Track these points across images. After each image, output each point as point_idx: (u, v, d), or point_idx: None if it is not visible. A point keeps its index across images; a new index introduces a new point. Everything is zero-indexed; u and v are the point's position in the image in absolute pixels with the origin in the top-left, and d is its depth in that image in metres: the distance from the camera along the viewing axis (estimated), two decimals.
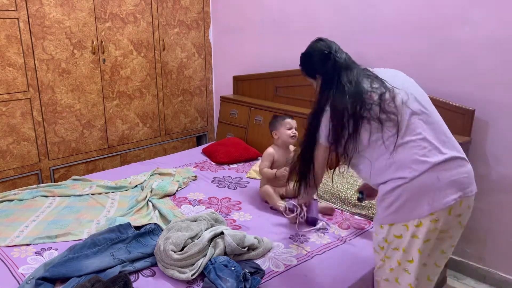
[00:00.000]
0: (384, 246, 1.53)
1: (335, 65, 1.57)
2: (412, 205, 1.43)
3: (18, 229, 2.02)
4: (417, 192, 1.43)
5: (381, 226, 1.52)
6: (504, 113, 2.25)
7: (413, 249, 1.47)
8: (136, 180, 2.63)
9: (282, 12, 3.17)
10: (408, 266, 1.50)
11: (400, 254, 1.49)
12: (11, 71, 2.64)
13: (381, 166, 1.49)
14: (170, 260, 1.67)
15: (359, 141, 1.50)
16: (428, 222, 1.43)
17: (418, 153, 1.44)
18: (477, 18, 2.24)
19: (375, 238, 1.58)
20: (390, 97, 1.47)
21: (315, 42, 1.71)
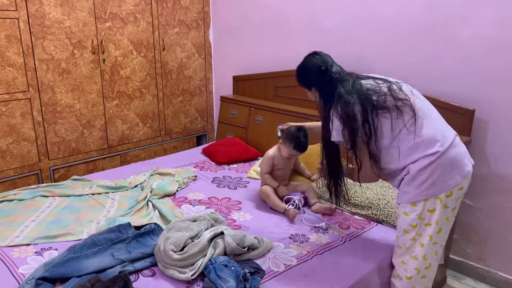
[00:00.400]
0: (417, 224, 1.66)
1: (331, 80, 1.73)
2: (446, 177, 1.60)
3: (18, 229, 2.02)
4: (449, 164, 1.60)
5: (413, 204, 1.64)
6: (504, 113, 2.25)
7: (443, 219, 1.65)
8: (136, 180, 2.63)
9: (282, 12, 3.17)
10: (437, 237, 1.66)
11: (432, 227, 1.64)
12: (11, 71, 2.64)
13: (408, 148, 1.63)
14: (170, 260, 1.67)
15: (382, 133, 1.65)
16: (457, 191, 1.63)
17: (440, 129, 1.63)
18: (477, 18, 2.24)
19: (404, 219, 1.68)
20: (397, 87, 1.66)
21: (311, 56, 1.83)
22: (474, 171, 2.39)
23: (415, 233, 1.67)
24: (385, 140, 1.66)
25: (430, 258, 1.70)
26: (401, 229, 1.72)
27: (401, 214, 1.70)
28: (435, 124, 1.65)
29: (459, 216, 2.49)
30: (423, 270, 1.72)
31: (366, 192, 2.29)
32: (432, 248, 1.69)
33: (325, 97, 1.75)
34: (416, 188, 1.63)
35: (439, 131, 1.63)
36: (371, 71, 2.70)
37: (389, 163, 1.69)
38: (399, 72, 2.60)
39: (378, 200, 2.22)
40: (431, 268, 1.73)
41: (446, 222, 1.67)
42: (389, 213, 2.15)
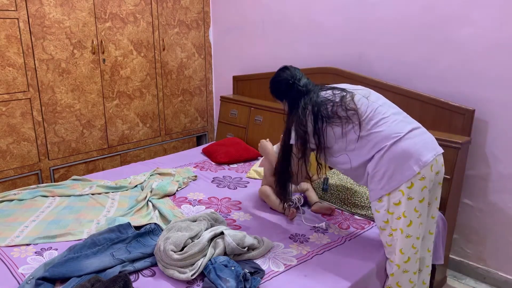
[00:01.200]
0: (388, 218, 1.73)
1: (298, 92, 1.90)
2: (402, 169, 1.66)
3: (18, 229, 2.02)
4: (401, 156, 1.67)
5: (379, 200, 1.73)
6: (504, 113, 2.25)
7: (411, 210, 1.69)
8: (136, 180, 2.63)
9: (282, 12, 3.17)
10: (410, 230, 1.70)
11: (402, 221, 1.69)
12: (11, 71, 2.64)
13: (361, 149, 1.76)
14: (170, 260, 1.67)
15: (333, 139, 1.82)
16: (418, 181, 1.67)
17: (391, 126, 1.72)
18: (477, 18, 2.24)
19: (377, 216, 1.77)
20: (350, 96, 1.80)
21: (281, 71, 2.00)
22: (474, 171, 2.40)
23: (390, 229, 1.74)
24: (336, 145, 1.82)
25: (407, 252, 1.73)
26: (378, 227, 1.80)
27: (374, 212, 1.79)
28: (389, 123, 1.73)
29: (459, 216, 2.49)
30: (403, 265, 1.75)
31: (366, 192, 2.29)
32: (407, 242, 1.71)
33: (291, 108, 1.92)
34: (377, 183, 1.72)
35: (392, 129, 1.71)
36: (371, 71, 2.70)
37: (345, 163, 1.83)
38: (399, 72, 2.60)
39: None
40: (411, 261, 1.75)
41: (414, 213, 1.69)
42: None
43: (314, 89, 1.89)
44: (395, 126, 1.73)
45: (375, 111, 1.77)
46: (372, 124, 1.74)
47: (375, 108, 1.78)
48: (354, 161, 1.79)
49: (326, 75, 2.87)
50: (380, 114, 1.77)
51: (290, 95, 1.92)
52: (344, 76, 2.77)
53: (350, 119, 1.77)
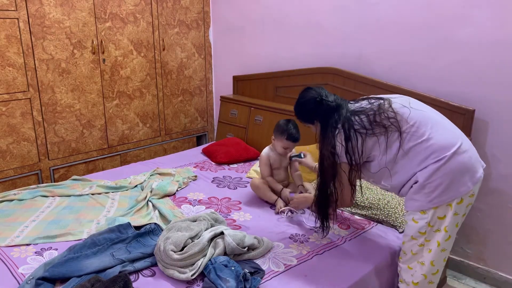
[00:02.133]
0: (426, 231, 1.64)
1: (328, 109, 1.76)
2: (457, 184, 1.58)
3: (18, 229, 2.02)
4: (459, 170, 1.58)
5: (423, 212, 1.63)
6: (504, 113, 2.25)
7: (453, 226, 1.63)
8: (136, 180, 2.63)
9: (282, 12, 3.16)
10: (446, 244, 1.66)
11: (441, 234, 1.63)
12: (11, 71, 2.64)
13: (412, 159, 1.63)
14: (170, 260, 1.67)
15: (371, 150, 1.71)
16: (468, 197, 1.62)
17: (445, 135, 1.62)
18: (477, 18, 2.24)
19: (413, 226, 1.67)
20: (388, 103, 1.69)
21: (305, 91, 1.88)
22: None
23: (424, 239, 1.66)
24: (377, 159, 1.70)
25: (438, 264, 1.69)
26: (408, 235, 1.70)
27: (410, 220, 1.69)
28: (442, 132, 1.63)
29: None
30: (430, 276, 1.71)
31: (366, 192, 2.29)
32: (440, 255, 1.67)
33: (324, 128, 1.76)
34: (426, 196, 1.61)
35: (447, 138, 1.61)
36: (371, 71, 2.70)
37: (384, 178, 1.72)
38: (399, 72, 2.60)
39: (378, 200, 2.22)
40: (438, 273, 1.72)
41: (455, 229, 1.67)
42: (389, 213, 2.15)
43: (343, 103, 1.77)
44: (451, 136, 1.62)
45: (423, 118, 1.65)
46: (421, 133, 1.62)
47: (422, 115, 1.66)
48: (399, 175, 1.67)
49: (326, 75, 2.87)
50: (430, 121, 1.65)
51: (320, 114, 1.78)
52: (344, 76, 2.77)
53: (394, 127, 1.64)
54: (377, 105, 1.69)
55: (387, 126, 1.65)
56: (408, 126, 1.64)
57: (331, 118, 1.73)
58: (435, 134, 1.62)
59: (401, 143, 1.64)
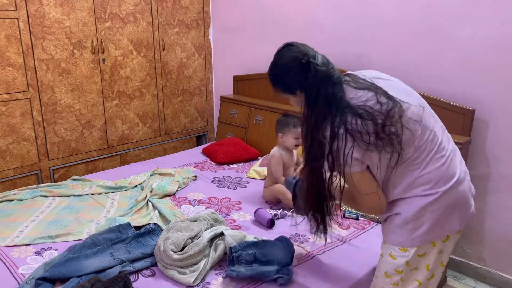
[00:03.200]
0: (403, 270, 1.38)
1: (317, 75, 1.32)
2: (444, 223, 1.34)
3: (18, 229, 2.02)
4: (449, 207, 1.33)
5: (403, 249, 1.37)
6: (504, 113, 2.25)
7: (437, 264, 1.39)
8: (136, 180, 2.63)
9: (282, 12, 3.16)
10: (429, 284, 1.41)
11: (424, 273, 1.38)
12: (11, 71, 2.64)
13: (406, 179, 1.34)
14: (170, 260, 1.67)
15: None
16: (455, 234, 1.40)
17: (444, 165, 1.32)
18: (477, 18, 2.24)
19: (389, 262, 1.41)
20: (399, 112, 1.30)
21: (286, 48, 1.41)
22: (474, 171, 2.40)
23: (399, 279, 1.40)
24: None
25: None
26: (382, 270, 1.44)
27: (387, 255, 1.42)
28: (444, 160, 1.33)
29: None
30: None
31: None
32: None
33: (311, 103, 1.34)
34: (409, 232, 1.35)
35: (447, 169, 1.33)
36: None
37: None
38: (399, 72, 2.59)
39: None
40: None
41: (439, 268, 1.41)
42: None
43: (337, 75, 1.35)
44: (448, 165, 1.33)
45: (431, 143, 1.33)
46: (421, 159, 1.32)
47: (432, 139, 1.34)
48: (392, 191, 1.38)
49: None
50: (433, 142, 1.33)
51: (306, 82, 1.33)
52: None
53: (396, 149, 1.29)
54: (386, 109, 1.28)
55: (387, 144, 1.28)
56: (411, 151, 1.32)
57: (320, 88, 1.30)
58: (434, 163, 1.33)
59: (395, 166, 1.33)
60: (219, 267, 1.75)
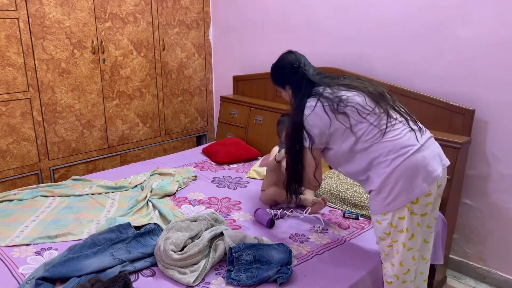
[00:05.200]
0: (390, 231, 1.64)
1: (303, 77, 1.76)
2: (411, 186, 1.57)
3: (18, 229, 2.02)
4: (412, 171, 1.57)
5: (383, 214, 1.63)
6: (504, 113, 2.25)
7: (414, 225, 1.63)
8: (136, 180, 2.63)
9: (282, 12, 3.16)
10: (411, 243, 1.64)
11: (404, 235, 1.62)
12: (11, 71, 2.64)
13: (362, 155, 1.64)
14: (170, 260, 1.67)
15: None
16: (424, 197, 1.60)
17: (403, 138, 1.61)
18: (477, 18, 2.24)
19: (378, 227, 1.67)
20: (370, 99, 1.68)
21: (286, 54, 1.85)
22: (474, 171, 2.40)
23: (391, 240, 1.66)
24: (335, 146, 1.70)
25: (407, 264, 1.68)
26: (377, 236, 1.72)
27: (374, 222, 1.70)
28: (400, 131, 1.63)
29: (459, 216, 2.49)
30: (402, 276, 1.70)
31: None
32: (408, 254, 1.66)
33: (297, 95, 1.75)
34: (383, 200, 1.62)
35: (405, 139, 1.61)
36: (371, 71, 2.70)
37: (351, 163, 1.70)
38: (399, 72, 2.60)
39: None
40: (411, 272, 1.70)
41: (416, 228, 1.64)
42: None
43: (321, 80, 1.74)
44: (408, 138, 1.62)
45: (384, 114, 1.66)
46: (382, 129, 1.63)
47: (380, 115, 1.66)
48: (353, 164, 1.69)
49: None
50: (390, 118, 1.65)
51: (293, 80, 1.78)
52: None
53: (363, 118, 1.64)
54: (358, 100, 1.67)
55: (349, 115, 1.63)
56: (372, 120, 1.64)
57: (304, 88, 1.72)
58: (393, 134, 1.62)
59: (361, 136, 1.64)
60: (219, 267, 1.75)
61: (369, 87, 1.72)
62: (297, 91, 1.76)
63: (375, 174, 1.63)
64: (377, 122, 1.64)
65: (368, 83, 1.75)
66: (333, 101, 1.65)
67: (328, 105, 1.65)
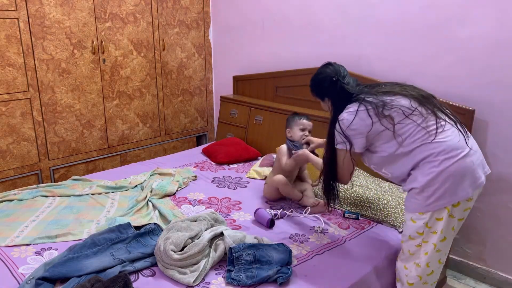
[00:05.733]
0: (424, 231, 1.65)
1: (342, 90, 1.78)
2: (456, 189, 1.58)
3: (18, 229, 2.02)
4: (460, 175, 1.58)
5: (421, 213, 1.64)
6: (504, 113, 2.25)
7: (449, 228, 1.64)
8: (136, 180, 2.63)
9: (282, 12, 3.16)
10: (441, 245, 1.66)
11: (437, 236, 1.64)
12: (11, 71, 2.64)
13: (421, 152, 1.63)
14: (170, 260, 1.67)
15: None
16: (465, 201, 1.62)
17: (453, 140, 1.61)
18: (477, 18, 2.24)
19: (411, 226, 1.67)
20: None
21: (324, 67, 1.89)
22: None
23: (421, 240, 1.67)
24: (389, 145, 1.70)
25: (433, 266, 1.70)
26: (406, 235, 1.71)
27: (408, 220, 1.70)
28: (450, 133, 1.63)
29: None
30: (425, 277, 1.72)
31: (366, 192, 2.29)
32: (436, 256, 1.68)
33: (336, 107, 1.79)
34: (425, 199, 1.62)
35: (454, 141, 1.61)
36: (371, 71, 2.70)
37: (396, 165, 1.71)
38: (399, 72, 2.60)
39: (378, 200, 2.22)
40: (433, 274, 1.73)
41: (450, 231, 1.66)
42: (389, 213, 2.15)
43: (361, 90, 1.77)
44: (458, 140, 1.61)
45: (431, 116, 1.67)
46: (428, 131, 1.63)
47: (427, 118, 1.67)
48: (398, 166, 1.70)
49: None
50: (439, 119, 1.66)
51: (332, 93, 1.81)
52: None
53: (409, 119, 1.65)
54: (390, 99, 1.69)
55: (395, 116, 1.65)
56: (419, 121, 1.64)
57: (344, 99, 1.76)
58: (447, 134, 1.62)
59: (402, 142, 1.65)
60: (219, 267, 1.75)
61: (411, 91, 1.72)
62: (337, 102, 1.80)
63: (420, 173, 1.62)
64: (425, 124, 1.64)
65: (410, 88, 1.75)
66: (377, 105, 1.67)
67: (372, 108, 1.67)
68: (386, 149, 1.70)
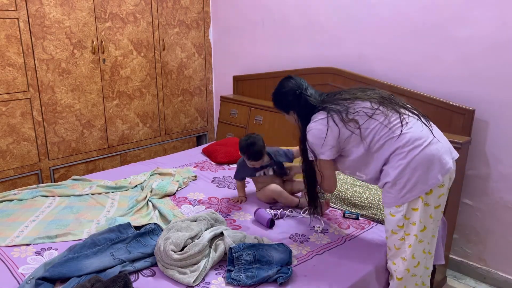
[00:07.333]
0: (403, 224, 1.70)
1: (306, 103, 1.83)
2: (426, 178, 1.63)
3: (18, 229, 2.02)
4: (427, 163, 1.62)
5: (397, 206, 1.69)
6: (504, 113, 2.25)
7: (427, 217, 1.68)
8: (136, 180, 2.63)
9: (282, 12, 3.17)
10: (422, 235, 1.69)
11: (417, 226, 1.68)
12: (11, 71, 2.64)
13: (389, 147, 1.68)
14: (170, 260, 1.67)
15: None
16: (437, 188, 1.66)
17: (416, 130, 1.67)
18: (477, 18, 2.24)
19: (391, 220, 1.72)
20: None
21: (286, 81, 1.91)
22: (474, 171, 2.40)
23: (404, 233, 1.71)
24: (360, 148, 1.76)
25: (419, 257, 1.73)
26: (389, 230, 1.76)
27: (388, 215, 1.75)
28: (413, 126, 1.69)
29: (459, 216, 2.50)
30: (413, 269, 1.75)
31: (366, 192, 2.29)
32: (419, 246, 1.71)
33: (303, 119, 1.84)
34: (398, 192, 1.67)
35: (417, 132, 1.67)
36: (371, 71, 2.70)
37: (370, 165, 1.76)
38: (399, 72, 2.60)
39: (378, 200, 2.22)
40: (420, 265, 1.75)
41: (429, 220, 1.69)
42: None
43: (324, 100, 1.82)
44: (421, 131, 1.67)
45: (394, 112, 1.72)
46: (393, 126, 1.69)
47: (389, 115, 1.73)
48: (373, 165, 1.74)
49: (326, 75, 2.87)
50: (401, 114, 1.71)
51: (297, 106, 1.86)
52: (344, 76, 2.77)
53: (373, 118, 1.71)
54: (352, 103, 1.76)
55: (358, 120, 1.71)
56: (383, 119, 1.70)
57: (308, 111, 1.81)
58: (409, 126, 1.68)
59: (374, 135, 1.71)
60: (219, 267, 1.75)
61: (371, 94, 1.78)
62: (302, 114, 1.85)
63: (390, 167, 1.68)
64: (387, 121, 1.70)
65: (370, 91, 1.80)
66: (340, 111, 1.73)
67: (336, 115, 1.73)
68: (356, 152, 1.75)
